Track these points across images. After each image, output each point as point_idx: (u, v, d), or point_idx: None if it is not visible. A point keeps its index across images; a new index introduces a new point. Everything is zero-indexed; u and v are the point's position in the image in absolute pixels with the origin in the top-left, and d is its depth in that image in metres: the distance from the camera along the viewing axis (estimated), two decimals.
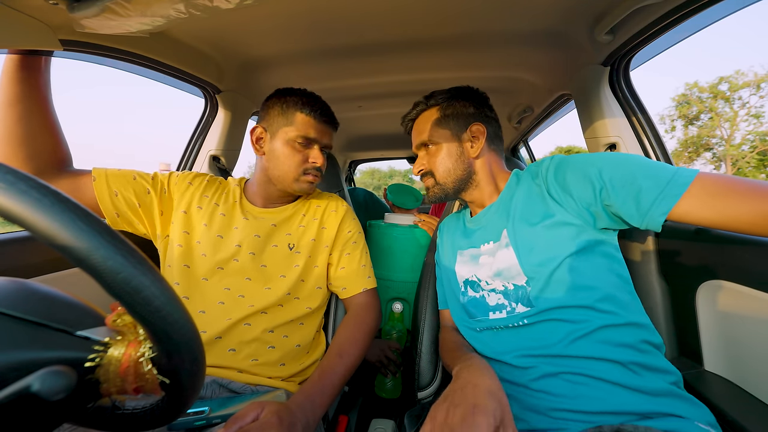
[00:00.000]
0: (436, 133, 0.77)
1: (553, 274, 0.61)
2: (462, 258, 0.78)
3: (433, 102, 0.79)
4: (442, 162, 0.77)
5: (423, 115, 0.81)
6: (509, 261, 0.66)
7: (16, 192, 0.22)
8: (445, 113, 0.77)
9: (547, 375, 0.59)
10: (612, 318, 0.58)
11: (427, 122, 0.79)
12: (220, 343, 0.72)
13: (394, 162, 9.00)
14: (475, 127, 0.76)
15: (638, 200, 0.56)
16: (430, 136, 0.78)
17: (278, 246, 0.81)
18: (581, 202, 0.62)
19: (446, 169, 0.77)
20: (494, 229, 0.73)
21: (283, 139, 0.80)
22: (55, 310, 0.30)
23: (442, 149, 0.77)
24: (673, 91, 37.01)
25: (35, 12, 0.61)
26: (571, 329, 0.59)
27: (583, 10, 0.82)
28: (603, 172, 0.60)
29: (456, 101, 0.78)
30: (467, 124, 0.76)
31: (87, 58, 0.82)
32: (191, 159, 1.22)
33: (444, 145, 0.77)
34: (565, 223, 0.63)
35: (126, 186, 0.76)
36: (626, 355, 0.56)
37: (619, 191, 0.57)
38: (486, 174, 0.77)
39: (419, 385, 0.86)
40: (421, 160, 0.81)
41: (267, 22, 0.89)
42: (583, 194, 0.61)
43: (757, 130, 23.10)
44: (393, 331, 1.25)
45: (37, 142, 0.68)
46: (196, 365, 0.30)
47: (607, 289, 0.60)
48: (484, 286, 0.71)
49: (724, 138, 24.11)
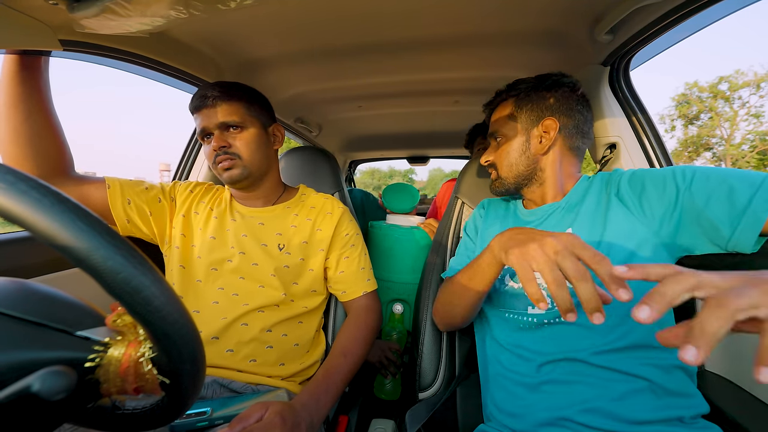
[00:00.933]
0: (504, 126, 0.75)
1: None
2: None
3: (513, 93, 0.75)
4: (505, 156, 0.74)
5: (500, 106, 0.78)
6: None
7: (16, 192, 0.22)
8: (519, 106, 0.74)
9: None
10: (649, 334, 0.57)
11: (501, 113, 0.76)
12: (217, 344, 0.72)
13: (394, 162, 8.95)
14: (547, 122, 0.71)
15: (731, 198, 0.50)
16: (499, 129, 0.76)
17: (268, 245, 0.81)
18: (656, 209, 0.59)
19: (509, 164, 0.74)
20: (555, 227, 0.70)
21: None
22: (55, 310, 0.30)
23: (507, 143, 0.74)
24: (673, 91, 37.04)
25: (35, 12, 0.61)
26: (609, 335, 0.58)
27: (583, 10, 0.82)
28: (687, 172, 0.56)
29: (535, 92, 0.73)
30: (540, 118, 0.72)
31: (87, 58, 0.81)
32: (191, 159, 1.23)
33: (510, 140, 0.74)
34: (632, 230, 0.60)
35: (139, 195, 0.78)
36: (653, 374, 0.56)
37: (705, 187, 0.53)
38: (553, 172, 0.73)
39: (420, 386, 0.86)
40: (490, 151, 0.79)
41: (267, 22, 0.88)
42: (661, 199, 0.58)
43: (757, 130, 23.10)
44: (393, 332, 1.24)
45: (43, 143, 0.68)
46: (196, 365, 0.30)
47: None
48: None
49: (724, 137, 24.11)
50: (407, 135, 2.18)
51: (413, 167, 25.39)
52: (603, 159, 1.03)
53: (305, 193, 0.94)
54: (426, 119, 1.85)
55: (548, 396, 0.60)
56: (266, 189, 0.88)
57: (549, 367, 0.62)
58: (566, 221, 0.69)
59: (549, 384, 0.61)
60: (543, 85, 0.73)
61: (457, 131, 1.87)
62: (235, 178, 0.80)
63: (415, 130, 2.07)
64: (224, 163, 0.78)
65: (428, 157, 2.87)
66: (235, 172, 0.79)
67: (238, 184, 0.83)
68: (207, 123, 0.78)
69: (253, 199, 0.88)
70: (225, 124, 0.78)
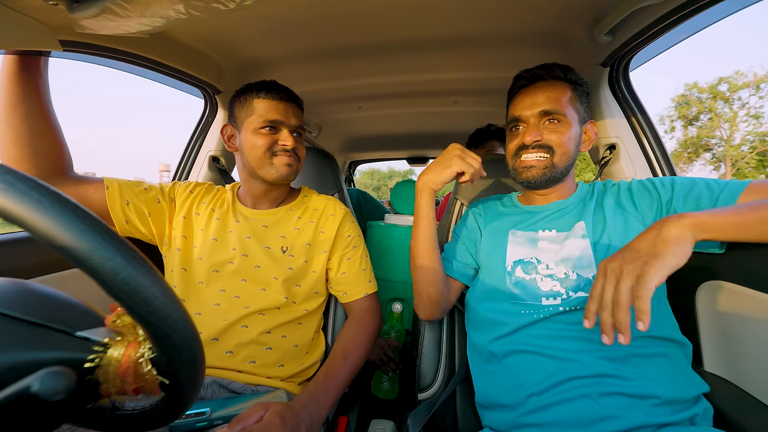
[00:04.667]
0: (570, 110, 0.71)
1: None
2: (516, 239, 0.76)
3: (572, 78, 0.73)
4: (566, 142, 0.71)
5: (555, 83, 0.73)
6: (582, 250, 0.67)
7: (15, 193, 0.22)
8: (578, 97, 0.73)
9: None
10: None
11: (562, 93, 0.72)
12: (217, 345, 0.72)
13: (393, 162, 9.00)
14: (590, 125, 0.76)
15: (698, 204, 0.61)
16: (565, 110, 0.71)
17: (271, 248, 0.81)
18: (648, 210, 0.67)
19: (567, 151, 0.71)
20: (564, 221, 0.73)
21: (249, 129, 0.80)
22: (54, 310, 0.30)
23: (569, 129, 0.71)
24: (673, 92, 37.09)
25: (35, 12, 0.61)
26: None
27: (583, 10, 0.82)
28: (666, 183, 0.67)
29: (585, 92, 0.75)
30: (588, 118, 0.76)
31: (86, 58, 0.82)
32: (191, 160, 1.22)
33: (571, 126, 0.71)
34: (629, 226, 0.67)
35: (138, 195, 0.78)
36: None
37: (683, 192, 0.64)
38: (572, 173, 0.77)
39: (420, 387, 0.86)
40: (537, 129, 0.71)
41: (267, 23, 0.89)
42: (652, 202, 0.67)
43: (757, 131, 23.09)
44: (392, 331, 1.25)
45: (42, 143, 0.68)
46: (195, 366, 0.30)
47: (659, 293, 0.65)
48: (542, 270, 0.69)
49: (724, 138, 24.12)
50: (407, 135, 2.18)
51: (413, 168, 25.38)
52: (603, 160, 1.03)
53: (307, 194, 0.93)
54: (426, 120, 1.85)
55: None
56: (283, 190, 0.89)
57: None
58: (574, 215, 0.73)
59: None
60: (588, 90, 0.77)
61: (456, 131, 1.87)
62: (291, 177, 0.84)
63: (414, 130, 2.07)
64: (290, 160, 0.81)
65: (428, 158, 2.86)
66: (293, 170, 0.83)
67: (283, 182, 0.85)
68: (286, 118, 0.82)
69: (262, 201, 0.87)
70: (298, 127, 0.84)
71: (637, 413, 0.54)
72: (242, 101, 0.81)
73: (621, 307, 0.46)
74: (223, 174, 1.25)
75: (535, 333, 0.65)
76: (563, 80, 0.73)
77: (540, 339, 0.64)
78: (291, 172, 0.82)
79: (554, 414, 0.58)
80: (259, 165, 0.80)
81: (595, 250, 0.66)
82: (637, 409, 0.55)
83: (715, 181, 0.63)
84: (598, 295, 0.49)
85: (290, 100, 0.83)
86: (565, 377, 0.59)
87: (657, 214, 0.67)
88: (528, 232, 0.75)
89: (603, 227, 0.69)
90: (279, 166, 0.80)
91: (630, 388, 0.56)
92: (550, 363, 0.62)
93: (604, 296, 0.48)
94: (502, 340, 0.68)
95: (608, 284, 0.48)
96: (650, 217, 0.67)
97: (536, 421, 0.59)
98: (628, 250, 0.51)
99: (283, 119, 0.80)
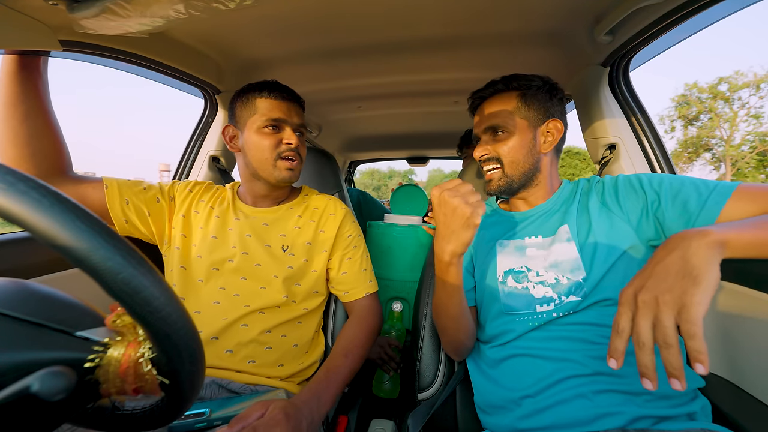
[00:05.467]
0: (511, 121, 0.73)
1: (612, 267, 0.63)
2: (503, 249, 0.76)
3: (515, 85, 0.74)
4: (512, 152, 0.72)
5: (499, 97, 0.75)
6: (569, 254, 0.67)
7: (15, 192, 0.22)
8: (526, 102, 0.73)
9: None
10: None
11: (503, 106, 0.74)
12: (217, 344, 0.72)
13: (393, 162, 8.99)
14: (552, 124, 0.73)
15: (686, 206, 0.60)
16: (504, 122, 0.73)
17: (271, 246, 0.81)
18: (633, 210, 0.66)
19: (515, 160, 0.72)
20: (548, 225, 0.73)
21: (252, 129, 0.80)
22: (54, 310, 0.30)
23: (513, 138, 0.72)
24: (673, 92, 37.08)
25: (35, 12, 0.61)
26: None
27: (583, 10, 0.82)
28: (654, 183, 0.64)
29: (540, 92, 0.74)
30: (546, 118, 0.73)
31: (86, 58, 0.82)
32: (191, 160, 1.22)
33: (517, 135, 0.72)
34: (614, 226, 0.66)
35: (137, 195, 0.78)
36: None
37: (670, 192, 0.62)
38: (547, 174, 0.76)
39: (420, 386, 0.86)
40: (486, 145, 0.75)
41: (266, 23, 0.89)
42: (637, 201, 0.65)
43: (757, 131, 23.10)
44: (392, 330, 1.24)
45: (42, 143, 0.68)
46: (195, 366, 0.30)
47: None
48: (533, 278, 0.69)
49: (724, 138, 24.12)
50: (407, 135, 2.18)
51: (413, 168, 25.44)
52: (603, 159, 1.03)
53: (308, 194, 0.94)
54: (425, 120, 1.85)
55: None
56: (284, 190, 0.89)
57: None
58: (557, 219, 0.72)
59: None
60: (548, 86, 0.75)
61: (456, 132, 1.87)
62: (294, 179, 0.84)
63: (414, 130, 2.07)
64: (293, 164, 0.82)
65: (428, 158, 2.87)
66: (295, 173, 0.83)
67: (288, 185, 0.86)
68: (289, 117, 0.82)
69: (263, 199, 0.87)
70: (300, 126, 0.85)
71: (632, 408, 0.55)
72: (244, 101, 0.81)
73: (672, 349, 0.39)
74: (223, 174, 1.25)
75: (530, 337, 0.66)
76: (506, 91, 0.75)
77: (535, 341, 0.65)
78: (294, 175, 0.83)
79: (551, 417, 0.58)
80: (262, 167, 0.80)
81: (582, 252, 0.66)
82: (632, 405, 0.55)
83: (703, 183, 0.61)
84: (625, 330, 0.42)
85: (292, 99, 0.83)
86: (560, 377, 0.59)
87: (642, 214, 0.65)
88: (515, 240, 0.75)
89: (588, 229, 0.68)
90: (282, 169, 0.81)
91: (624, 385, 0.57)
92: (545, 364, 0.62)
93: (640, 334, 0.40)
94: (500, 347, 0.69)
95: (642, 319, 0.41)
96: (635, 218, 0.65)
97: (534, 425, 0.59)
98: (654, 276, 0.43)
99: (286, 117, 0.80)
